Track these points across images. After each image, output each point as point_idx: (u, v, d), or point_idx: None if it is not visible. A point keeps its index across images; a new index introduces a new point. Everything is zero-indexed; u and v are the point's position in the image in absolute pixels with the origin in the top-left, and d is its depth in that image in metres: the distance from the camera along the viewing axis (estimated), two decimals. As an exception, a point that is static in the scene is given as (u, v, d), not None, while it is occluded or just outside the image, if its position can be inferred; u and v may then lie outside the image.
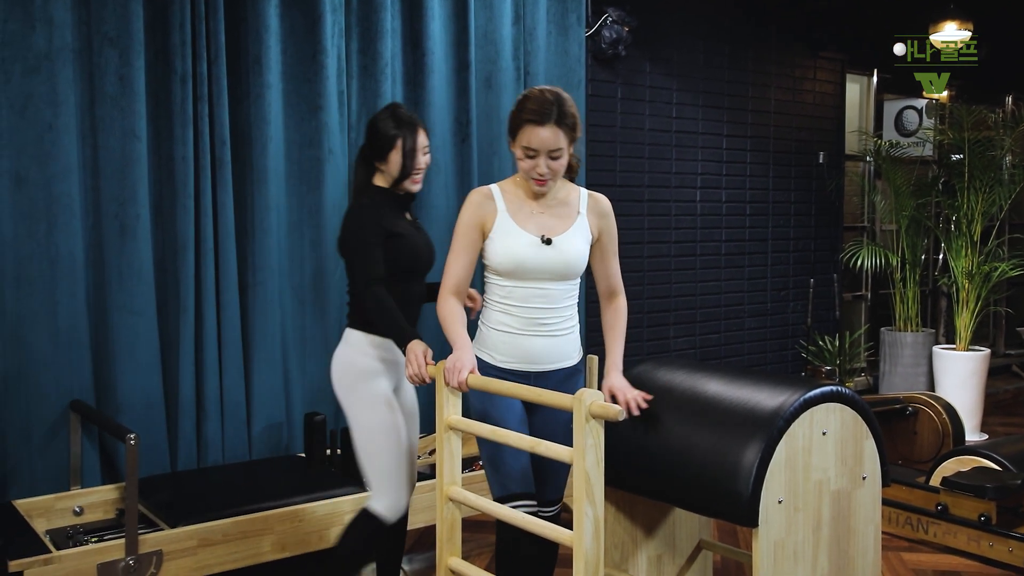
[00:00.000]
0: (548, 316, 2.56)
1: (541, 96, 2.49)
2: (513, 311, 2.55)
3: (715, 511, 2.59)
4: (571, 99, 2.53)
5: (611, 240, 2.68)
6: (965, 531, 3.78)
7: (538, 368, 2.57)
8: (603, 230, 2.66)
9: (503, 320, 2.56)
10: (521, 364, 2.56)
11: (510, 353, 2.56)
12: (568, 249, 2.54)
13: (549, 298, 2.56)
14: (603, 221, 2.65)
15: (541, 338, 2.56)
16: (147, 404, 3.54)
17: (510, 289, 2.55)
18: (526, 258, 2.52)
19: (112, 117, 3.45)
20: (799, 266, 6.18)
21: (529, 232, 2.54)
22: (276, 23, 3.77)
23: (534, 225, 2.56)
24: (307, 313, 3.93)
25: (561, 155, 2.49)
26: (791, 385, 2.58)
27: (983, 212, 5.94)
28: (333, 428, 3.81)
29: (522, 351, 2.55)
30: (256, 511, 3.16)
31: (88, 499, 3.35)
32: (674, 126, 5.42)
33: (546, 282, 2.55)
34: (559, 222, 2.58)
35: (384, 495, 2.76)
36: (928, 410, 4.93)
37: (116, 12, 3.42)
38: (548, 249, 2.53)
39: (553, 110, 2.46)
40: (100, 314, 3.48)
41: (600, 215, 2.64)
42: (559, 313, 2.58)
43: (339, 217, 3.92)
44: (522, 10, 4.46)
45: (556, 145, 2.46)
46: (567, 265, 2.55)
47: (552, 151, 2.47)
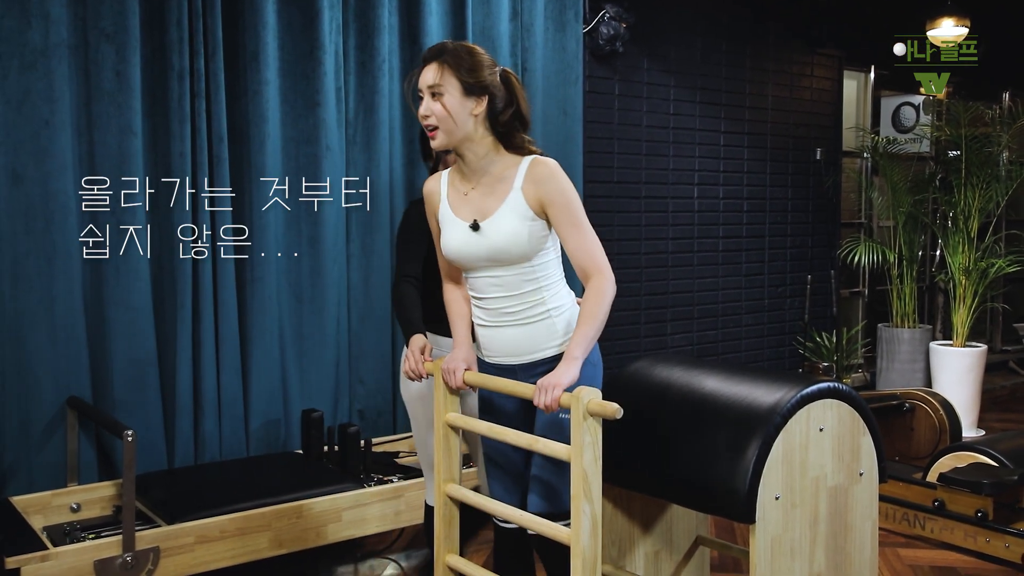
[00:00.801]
0: (510, 304, 2.38)
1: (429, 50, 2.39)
2: (478, 302, 2.44)
3: (712, 508, 2.60)
4: (477, 50, 2.36)
5: (561, 210, 2.30)
6: (962, 527, 3.79)
7: (519, 360, 2.42)
8: (544, 200, 2.31)
9: (476, 312, 2.47)
10: (502, 357, 2.44)
11: (489, 346, 2.46)
12: (494, 233, 2.33)
13: (505, 286, 2.37)
14: (541, 189, 2.31)
15: (510, 328, 2.40)
16: (144, 400, 3.53)
17: (470, 280, 2.45)
18: (459, 248, 2.38)
19: (109, 113, 3.44)
20: (796, 262, 6.18)
21: (461, 218, 2.39)
22: (274, 19, 3.76)
23: (467, 209, 2.38)
24: (304, 310, 3.92)
25: (444, 93, 2.30)
26: (788, 381, 2.58)
27: (980, 208, 5.95)
28: (330, 424, 3.81)
29: (497, 343, 2.43)
30: (254, 508, 3.15)
31: (85, 496, 3.35)
32: (671, 122, 5.42)
33: (492, 269, 2.37)
34: (491, 201, 2.35)
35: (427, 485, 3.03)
36: (925, 406, 4.93)
37: (113, 8, 3.41)
38: (476, 236, 2.35)
39: (437, 49, 2.34)
40: (97, 311, 3.48)
41: (536, 182, 2.31)
42: (523, 299, 2.37)
43: (337, 213, 3.95)
44: (519, 6, 4.45)
45: (434, 81, 2.30)
46: (498, 251, 2.33)
47: (432, 87, 2.30)
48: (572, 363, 2.25)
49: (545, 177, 2.31)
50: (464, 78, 2.30)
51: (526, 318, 2.39)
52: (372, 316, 4.06)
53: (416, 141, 4.09)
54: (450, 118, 2.31)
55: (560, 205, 2.30)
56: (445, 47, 2.34)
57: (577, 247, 2.32)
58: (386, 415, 4.13)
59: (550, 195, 2.30)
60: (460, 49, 2.33)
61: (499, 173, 2.36)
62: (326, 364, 3.96)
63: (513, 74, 2.41)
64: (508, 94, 2.37)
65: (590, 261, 2.32)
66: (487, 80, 2.33)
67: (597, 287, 2.31)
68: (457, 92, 2.31)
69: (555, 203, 2.30)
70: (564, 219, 2.31)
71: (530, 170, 2.32)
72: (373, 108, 4.01)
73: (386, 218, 4.06)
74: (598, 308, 2.29)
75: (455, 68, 2.30)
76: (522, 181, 2.32)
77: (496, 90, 2.35)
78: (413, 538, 3.84)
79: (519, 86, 2.41)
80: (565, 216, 2.31)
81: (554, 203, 2.30)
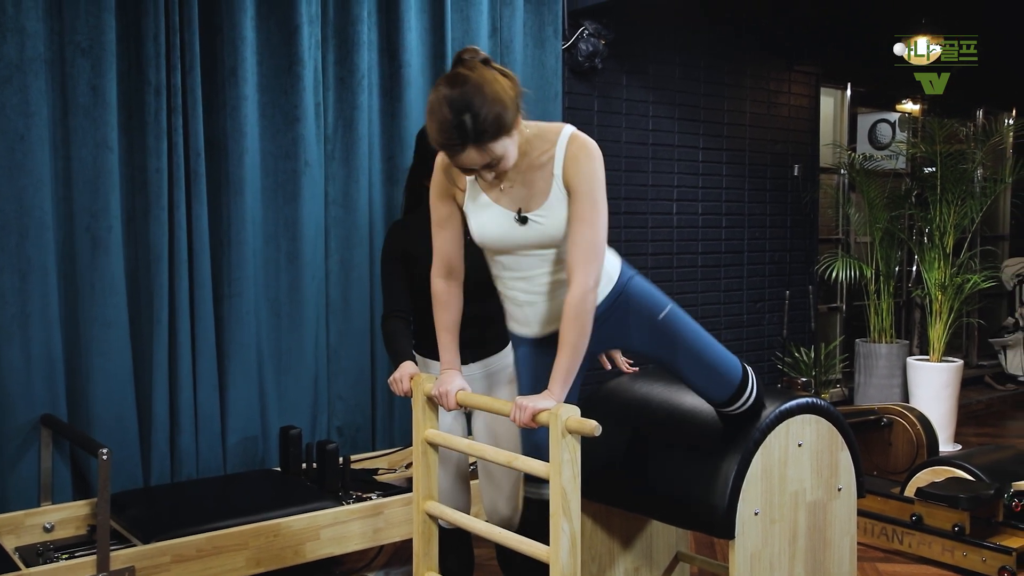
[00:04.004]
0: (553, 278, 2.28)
1: (440, 112, 2.03)
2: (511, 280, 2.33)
3: (692, 523, 2.60)
4: (482, 87, 2.01)
5: (580, 200, 2.14)
6: (939, 541, 3.81)
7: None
8: (569, 184, 2.15)
9: (511, 289, 2.35)
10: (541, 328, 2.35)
11: (526, 320, 2.36)
12: (543, 225, 2.20)
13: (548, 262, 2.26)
14: (569, 170, 2.15)
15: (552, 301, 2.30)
16: (119, 418, 3.49)
17: (501, 259, 2.31)
18: (500, 236, 2.24)
19: (84, 128, 3.41)
20: (775, 278, 6.21)
21: (503, 206, 2.22)
22: (252, 34, 3.75)
23: (508, 198, 2.21)
24: (283, 326, 3.89)
25: (501, 158, 2.09)
26: (767, 397, 2.59)
27: (955, 224, 6.00)
28: (309, 441, 3.78)
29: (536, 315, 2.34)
30: (231, 526, 3.11)
31: (59, 515, 3.30)
32: (650, 139, 5.44)
33: (533, 250, 2.24)
34: (534, 191, 2.19)
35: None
36: (903, 421, 4.96)
37: (89, 22, 3.39)
38: (523, 228, 2.21)
39: (455, 134, 2.02)
40: (72, 327, 3.44)
41: (569, 162, 2.15)
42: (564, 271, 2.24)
43: (316, 228, 3.93)
44: (499, 23, 4.46)
45: (486, 160, 2.07)
46: (548, 239, 2.21)
47: (485, 165, 2.10)
48: (553, 395, 2.18)
49: (578, 158, 2.14)
50: (505, 131, 2.07)
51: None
52: (351, 332, 4.04)
53: (395, 158, 4.08)
54: (513, 159, 2.14)
55: (582, 194, 2.14)
56: (465, 125, 2.01)
57: (576, 243, 2.15)
58: (365, 432, 4.11)
59: (575, 180, 2.15)
60: (478, 112, 2.01)
61: (537, 157, 2.18)
62: (304, 380, 3.93)
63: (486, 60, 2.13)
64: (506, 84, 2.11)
65: (580, 265, 2.14)
66: (512, 109, 2.08)
67: (572, 305, 2.15)
68: (504, 145, 2.08)
69: (578, 192, 2.15)
70: (577, 210, 2.15)
71: (568, 150, 2.16)
72: (352, 124, 4.00)
73: (365, 233, 4.05)
74: (574, 335, 2.15)
75: (494, 136, 2.05)
76: (561, 167, 2.16)
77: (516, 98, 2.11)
78: (392, 556, 3.81)
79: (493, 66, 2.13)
80: (580, 208, 2.15)
81: (577, 191, 2.15)
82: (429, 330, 2.68)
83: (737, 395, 2.47)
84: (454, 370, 2.44)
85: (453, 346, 2.45)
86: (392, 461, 4.02)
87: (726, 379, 2.45)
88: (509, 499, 2.94)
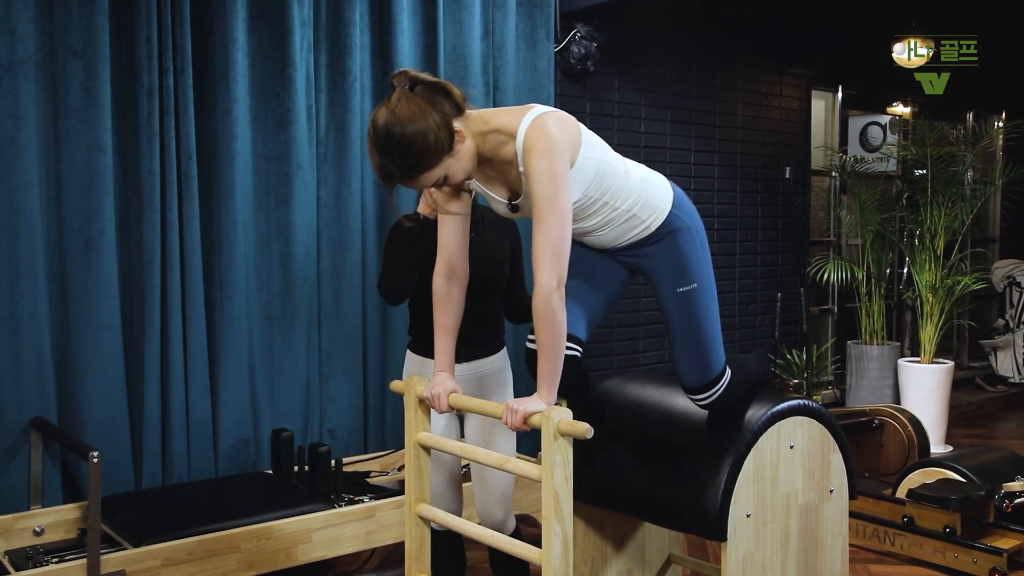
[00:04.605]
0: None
1: (370, 150, 2.08)
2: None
3: (684, 525, 2.60)
4: (403, 129, 2.01)
5: (533, 195, 2.10)
6: (931, 542, 3.81)
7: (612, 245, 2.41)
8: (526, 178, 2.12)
9: None
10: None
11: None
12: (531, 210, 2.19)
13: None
14: (524, 165, 2.11)
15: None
16: (111, 421, 3.47)
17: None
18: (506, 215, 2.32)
19: (76, 130, 3.40)
20: (766, 280, 6.22)
21: (497, 194, 2.26)
22: (244, 37, 3.74)
23: (499, 186, 2.26)
24: (275, 329, 3.88)
25: (445, 177, 2.12)
26: (758, 399, 2.59)
27: (946, 227, 6.02)
28: (301, 444, 3.78)
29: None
30: (222, 529, 3.10)
31: (49, 519, 3.28)
32: (643, 141, 5.45)
33: None
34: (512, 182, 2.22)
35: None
36: (894, 423, 4.97)
37: (81, 24, 3.37)
38: (517, 212, 2.26)
39: (383, 175, 2.07)
40: (63, 330, 3.42)
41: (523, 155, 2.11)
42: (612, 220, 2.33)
43: (308, 231, 3.93)
44: (491, 25, 4.46)
45: (427, 185, 2.12)
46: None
47: (433, 185, 2.14)
48: (543, 397, 2.17)
49: (530, 155, 2.09)
50: (430, 164, 2.08)
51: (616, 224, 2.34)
52: (343, 335, 4.03)
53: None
54: (465, 172, 2.16)
55: (535, 194, 2.09)
56: (394, 162, 2.04)
57: (535, 243, 2.11)
58: (357, 434, 4.10)
59: (529, 179, 2.10)
60: (404, 148, 2.03)
61: (503, 153, 2.17)
62: (296, 383, 3.92)
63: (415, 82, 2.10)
64: (445, 102, 2.11)
65: (540, 264, 2.10)
66: (440, 138, 2.07)
67: (536, 308, 2.12)
68: (446, 166, 2.10)
69: (532, 191, 2.10)
70: (534, 209, 2.11)
71: (524, 145, 2.11)
72: (344, 126, 4.00)
73: (357, 236, 4.04)
74: (546, 336, 2.13)
75: (420, 172, 2.08)
76: (522, 163, 2.13)
77: (446, 124, 2.08)
78: (385, 558, 3.81)
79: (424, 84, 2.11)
80: (536, 207, 2.10)
81: (531, 191, 2.10)
82: (428, 329, 2.68)
83: (707, 387, 2.49)
84: (447, 372, 2.43)
85: (448, 348, 2.44)
86: (384, 464, 4.01)
87: (707, 369, 2.48)
88: (501, 502, 2.93)
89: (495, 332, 2.97)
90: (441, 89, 2.11)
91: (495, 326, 2.98)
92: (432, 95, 2.09)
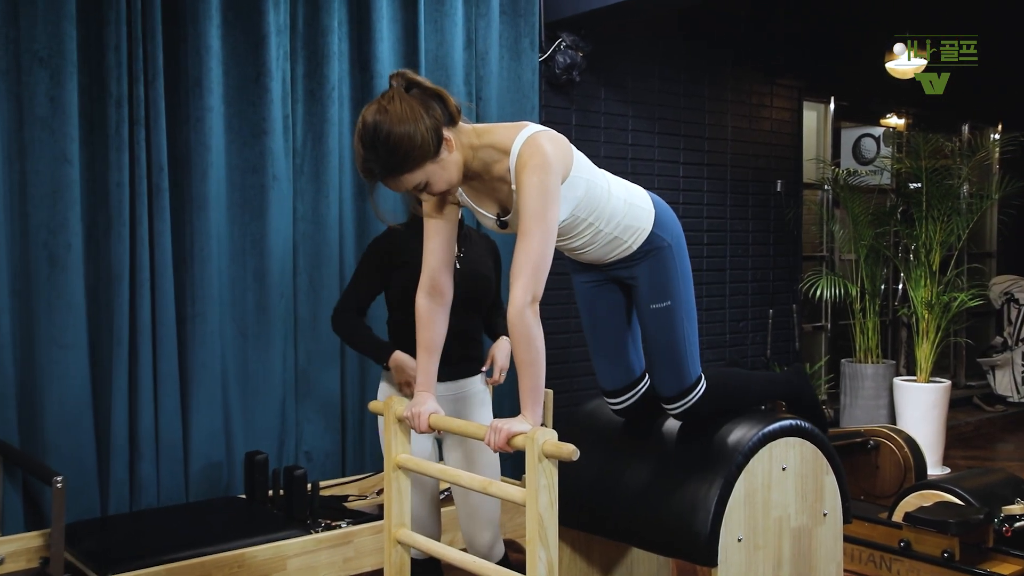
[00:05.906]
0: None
1: (355, 145, 2.09)
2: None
3: (673, 550, 2.55)
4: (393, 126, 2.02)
5: (521, 211, 2.10)
6: (928, 568, 3.73)
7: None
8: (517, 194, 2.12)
9: None
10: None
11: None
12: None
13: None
14: (516, 181, 2.12)
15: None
16: (76, 444, 3.38)
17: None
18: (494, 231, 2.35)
19: (42, 140, 3.32)
20: (758, 296, 6.14)
21: (486, 211, 2.27)
22: (218, 44, 3.67)
23: (489, 202, 2.27)
24: (249, 347, 3.80)
25: (426, 183, 2.10)
26: (750, 419, 2.55)
27: (942, 242, 5.96)
28: (276, 467, 3.69)
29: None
30: (193, 557, 3.02)
31: (10, 547, 3.18)
32: (630, 153, 5.37)
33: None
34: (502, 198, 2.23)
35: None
36: (890, 444, 4.89)
37: (47, 31, 3.30)
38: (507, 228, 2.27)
39: (364, 169, 2.07)
40: (26, 348, 3.33)
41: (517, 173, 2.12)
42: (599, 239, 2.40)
43: (284, 245, 3.85)
44: (474, 35, 4.40)
45: (407, 187, 2.10)
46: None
47: (414, 189, 2.12)
48: (527, 418, 2.12)
49: (523, 172, 2.10)
50: (414, 165, 2.06)
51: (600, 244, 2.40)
52: (320, 353, 3.95)
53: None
54: (448, 182, 2.15)
55: (523, 209, 2.09)
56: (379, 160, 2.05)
57: (515, 256, 2.10)
58: (334, 457, 4.02)
59: (519, 195, 2.11)
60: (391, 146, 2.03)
61: (495, 169, 2.18)
62: (271, 403, 3.84)
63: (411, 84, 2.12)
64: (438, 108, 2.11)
65: (518, 278, 2.08)
66: (429, 141, 2.06)
67: (511, 325, 2.09)
68: (428, 171, 2.09)
69: (520, 207, 2.10)
70: (520, 224, 2.11)
71: (517, 162, 2.12)
72: (322, 137, 3.93)
73: (335, 251, 3.97)
74: (523, 352, 2.10)
75: (403, 172, 2.07)
76: (514, 180, 2.14)
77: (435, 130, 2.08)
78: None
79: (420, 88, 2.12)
80: (522, 222, 2.10)
81: (520, 206, 2.11)
82: (410, 346, 2.62)
83: (679, 396, 2.53)
84: (427, 392, 2.37)
85: (430, 367, 2.38)
86: (363, 487, 3.95)
87: (680, 379, 2.52)
88: (488, 526, 2.86)
89: (476, 351, 2.91)
90: (437, 95, 2.13)
91: (477, 345, 2.91)
92: (427, 99, 2.10)
